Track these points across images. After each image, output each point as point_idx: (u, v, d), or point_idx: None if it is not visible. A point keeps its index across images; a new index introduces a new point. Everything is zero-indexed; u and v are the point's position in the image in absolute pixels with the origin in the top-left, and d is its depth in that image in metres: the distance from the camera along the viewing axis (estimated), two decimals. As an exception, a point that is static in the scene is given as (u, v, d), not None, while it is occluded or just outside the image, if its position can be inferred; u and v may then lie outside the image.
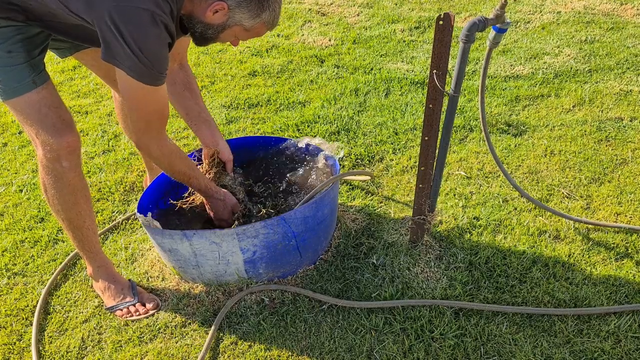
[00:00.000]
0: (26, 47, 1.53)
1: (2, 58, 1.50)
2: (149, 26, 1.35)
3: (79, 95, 3.45)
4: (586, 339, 1.67)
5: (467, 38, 1.60)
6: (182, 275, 1.95)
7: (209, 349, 1.71)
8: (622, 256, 1.96)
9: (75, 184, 1.69)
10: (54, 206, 1.72)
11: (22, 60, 1.52)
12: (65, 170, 1.65)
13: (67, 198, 1.70)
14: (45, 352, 1.75)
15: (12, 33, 1.49)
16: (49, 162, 1.63)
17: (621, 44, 3.57)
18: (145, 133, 1.58)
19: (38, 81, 1.56)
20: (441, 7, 4.42)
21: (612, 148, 2.56)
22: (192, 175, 1.80)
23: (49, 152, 1.61)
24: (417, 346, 1.67)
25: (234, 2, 1.45)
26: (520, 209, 2.21)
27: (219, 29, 1.51)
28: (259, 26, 1.53)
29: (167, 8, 1.38)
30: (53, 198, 1.70)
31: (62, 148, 1.61)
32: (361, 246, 2.05)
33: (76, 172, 1.68)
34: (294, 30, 4.19)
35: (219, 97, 3.26)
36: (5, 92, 1.54)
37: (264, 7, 1.49)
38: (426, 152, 1.77)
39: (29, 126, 1.59)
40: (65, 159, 1.63)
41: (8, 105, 1.58)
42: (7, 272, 2.08)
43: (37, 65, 1.56)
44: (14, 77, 1.53)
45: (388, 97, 3.12)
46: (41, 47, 1.58)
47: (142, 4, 1.32)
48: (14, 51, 1.50)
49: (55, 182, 1.67)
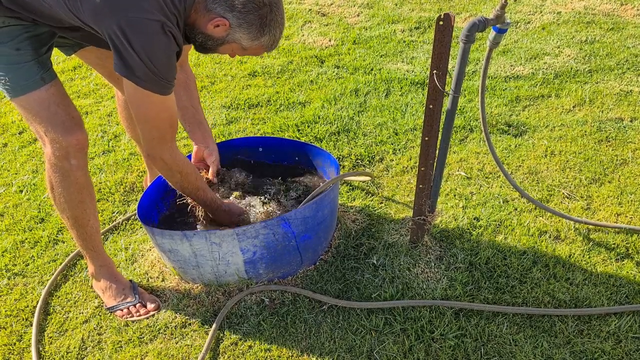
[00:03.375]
0: (33, 45, 1.54)
1: (11, 56, 1.52)
2: (159, 36, 1.37)
3: (79, 96, 3.45)
4: (586, 339, 1.67)
5: (467, 38, 1.60)
6: (182, 276, 1.95)
7: (209, 350, 1.71)
8: (623, 257, 1.96)
9: (82, 182, 1.71)
10: (60, 204, 1.73)
11: (30, 57, 1.54)
12: (73, 168, 1.66)
13: (74, 196, 1.71)
14: (45, 352, 1.75)
15: (20, 31, 1.51)
16: (57, 160, 1.64)
17: (621, 44, 3.57)
18: (160, 143, 1.59)
19: (47, 78, 1.58)
20: (441, 7, 4.42)
21: (612, 148, 2.56)
22: (201, 187, 1.80)
23: (58, 150, 1.62)
24: (418, 347, 1.67)
25: (235, 21, 1.47)
26: (521, 209, 2.21)
27: (218, 42, 1.53)
28: (257, 47, 1.55)
29: (174, 19, 1.40)
30: (60, 196, 1.71)
31: (71, 146, 1.62)
32: (361, 247, 2.05)
33: (83, 171, 1.70)
34: (294, 30, 4.19)
35: (219, 97, 3.26)
36: (14, 89, 1.55)
37: (264, 32, 1.51)
38: (426, 153, 1.77)
39: (38, 124, 1.60)
40: (74, 156, 1.65)
41: (16, 103, 1.59)
42: (7, 273, 2.07)
43: (44, 63, 1.58)
44: (22, 75, 1.54)
45: (388, 98, 3.12)
46: (48, 45, 1.60)
47: (151, 16, 1.35)
48: (22, 49, 1.52)
49: (63, 180, 1.68)
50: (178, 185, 1.75)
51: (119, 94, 2.06)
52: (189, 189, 1.78)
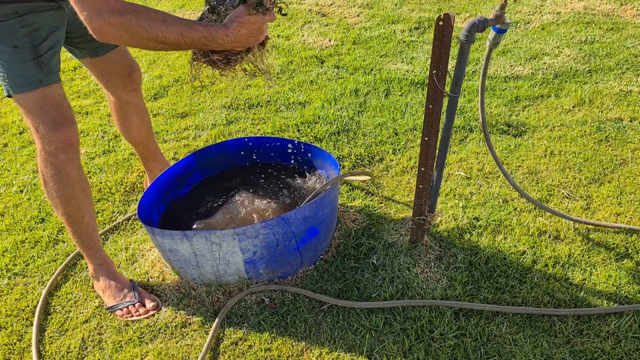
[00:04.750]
0: (32, 42, 1.55)
1: (8, 54, 1.53)
2: None
3: (79, 96, 3.45)
4: (586, 339, 1.67)
5: (467, 39, 1.61)
6: (183, 276, 1.95)
7: (210, 349, 1.71)
8: (622, 256, 1.97)
9: (73, 177, 1.72)
10: (53, 199, 1.75)
11: (29, 57, 1.55)
12: (62, 163, 1.68)
13: (66, 191, 1.72)
14: (46, 352, 1.76)
15: (18, 26, 1.51)
16: (47, 155, 1.66)
17: (621, 44, 3.57)
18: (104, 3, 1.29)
19: (45, 81, 1.59)
20: (441, 7, 4.42)
21: (612, 148, 2.56)
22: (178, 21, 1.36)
23: (48, 145, 1.64)
24: (417, 346, 1.67)
25: None
26: (520, 209, 2.21)
27: None
28: None
29: None
30: (52, 191, 1.73)
31: (59, 141, 1.64)
32: (361, 246, 2.05)
33: (74, 166, 1.71)
34: (294, 30, 4.19)
35: (219, 97, 3.26)
36: (11, 87, 1.58)
37: None
38: (426, 153, 1.78)
39: (30, 120, 1.63)
40: (63, 152, 1.66)
41: (14, 98, 1.62)
42: (7, 273, 2.08)
43: (45, 64, 1.58)
44: (20, 74, 1.56)
45: (388, 98, 3.12)
46: (48, 41, 1.59)
47: None
48: (20, 46, 1.53)
49: (54, 175, 1.69)
50: (152, 38, 1.34)
51: (111, 97, 2.07)
52: (169, 32, 1.35)
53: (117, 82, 1.98)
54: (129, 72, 1.98)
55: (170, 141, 2.86)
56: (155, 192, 2.06)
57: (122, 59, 1.94)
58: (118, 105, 2.07)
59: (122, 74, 1.96)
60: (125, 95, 2.03)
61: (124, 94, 2.02)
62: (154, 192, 2.05)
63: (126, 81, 1.99)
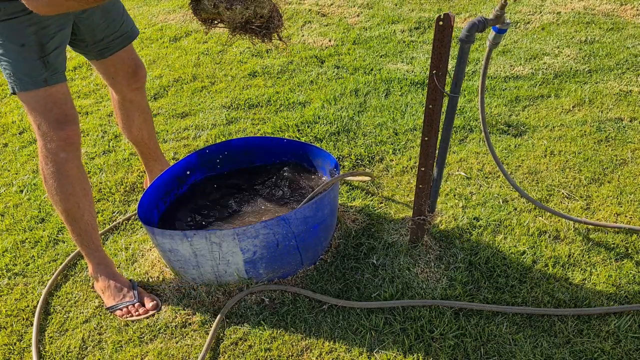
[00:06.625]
0: (39, 41, 1.56)
1: (16, 52, 1.54)
2: None
3: (79, 96, 3.45)
4: (586, 339, 1.67)
5: (467, 38, 1.61)
6: (183, 276, 1.95)
7: (209, 349, 1.71)
8: (622, 256, 1.97)
9: (74, 175, 1.73)
10: (53, 197, 1.76)
11: (36, 56, 1.56)
12: (63, 160, 1.69)
13: (65, 188, 1.73)
14: (46, 352, 1.76)
15: (26, 24, 1.52)
16: (48, 153, 1.68)
17: (621, 44, 3.57)
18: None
19: (50, 80, 1.60)
20: (441, 7, 4.43)
21: (612, 148, 2.56)
22: None
23: (49, 143, 1.66)
24: (417, 346, 1.67)
25: None
26: (520, 209, 2.21)
27: None
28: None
29: None
30: (52, 188, 1.74)
31: (60, 139, 1.65)
32: (361, 246, 2.05)
33: (74, 164, 1.72)
34: (294, 30, 4.19)
35: (219, 97, 3.26)
36: (17, 84, 1.60)
37: None
38: (426, 153, 1.78)
39: (33, 117, 1.64)
40: (63, 150, 1.68)
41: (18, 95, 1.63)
42: (7, 273, 2.08)
43: (51, 63, 1.59)
44: (26, 72, 1.57)
45: (388, 98, 3.12)
46: (54, 40, 1.59)
47: None
48: (27, 44, 1.54)
49: (54, 172, 1.71)
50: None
51: (114, 95, 2.07)
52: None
53: (122, 80, 1.98)
54: (135, 70, 1.98)
55: (170, 141, 2.86)
56: (155, 192, 2.06)
57: (128, 57, 1.95)
58: (121, 103, 2.07)
59: (128, 72, 1.97)
60: (129, 93, 2.03)
61: (128, 92, 2.03)
62: (154, 192, 2.05)
63: (131, 79, 1.99)
